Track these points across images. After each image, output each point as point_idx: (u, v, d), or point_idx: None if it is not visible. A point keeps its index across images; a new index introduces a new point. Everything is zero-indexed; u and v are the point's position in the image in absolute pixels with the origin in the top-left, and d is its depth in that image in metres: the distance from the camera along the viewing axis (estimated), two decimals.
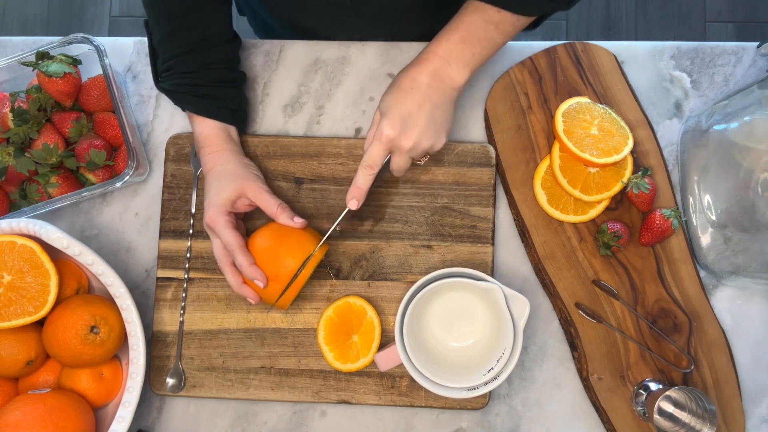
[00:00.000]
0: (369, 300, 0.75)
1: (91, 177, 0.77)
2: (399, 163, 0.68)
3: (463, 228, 0.76)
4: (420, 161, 0.71)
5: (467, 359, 0.71)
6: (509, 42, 0.70)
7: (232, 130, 0.75)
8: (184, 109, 0.74)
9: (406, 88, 0.66)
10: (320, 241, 0.71)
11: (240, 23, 0.90)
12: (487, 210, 0.76)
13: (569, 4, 0.67)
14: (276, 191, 0.77)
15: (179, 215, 0.78)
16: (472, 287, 0.69)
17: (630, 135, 0.74)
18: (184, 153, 0.79)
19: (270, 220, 0.71)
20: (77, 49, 0.77)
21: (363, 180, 0.68)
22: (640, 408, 0.72)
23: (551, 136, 0.77)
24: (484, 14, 0.64)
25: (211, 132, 0.73)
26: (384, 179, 0.76)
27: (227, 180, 0.70)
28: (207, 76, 0.72)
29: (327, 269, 0.76)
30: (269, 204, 0.69)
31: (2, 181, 0.76)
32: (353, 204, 0.68)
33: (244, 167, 0.72)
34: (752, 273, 0.71)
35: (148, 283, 0.79)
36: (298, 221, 0.69)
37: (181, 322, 0.76)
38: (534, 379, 0.75)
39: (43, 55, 0.74)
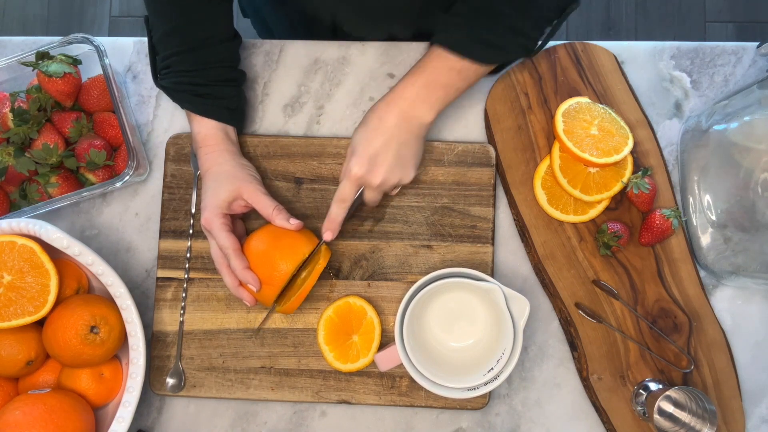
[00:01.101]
0: (369, 300, 0.75)
1: (91, 177, 0.77)
2: (370, 197, 0.71)
3: (463, 228, 0.76)
4: (392, 193, 0.74)
5: (467, 359, 0.71)
6: None
7: (231, 130, 0.75)
8: (182, 107, 0.74)
9: (374, 127, 0.69)
10: (316, 242, 0.71)
11: (242, 24, 0.89)
12: (487, 210, 0.76)
13: (530, 54, 0.72)
14: (276, 191, 0.77)
15: (179, 215, 0.78)
16: (472, 287, 0.69)
17: (630, 135, 0.74)
18: (184, 153, 0.79)
19: (267, 221, 0.71)
20: (77, 49, 0.77)
21: (336, 213, 0.71)
22: (640, 408, 0.72)
23: (551, 136, 0.77)
24: (447, 62, 0.68)
25: (209, 132, 0.73)
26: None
27: (224, 181, 0.70)
28: (206, 75, 0.72)
29: (327, 269, 0.76)
30: (265, 206, 0.69)
31: (2, 181, 0.76)
32: (328, 235, 0.71)
33: (241, 168, 0.72)
34: (752, 273, 0.71)
35: (148, 283, 0.79)
36: (294, 223, 0.69)
37: (181, 322, 0.76)
38: (534, 379, 0.75)
39: (43, 55, 0.74)
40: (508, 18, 0.67)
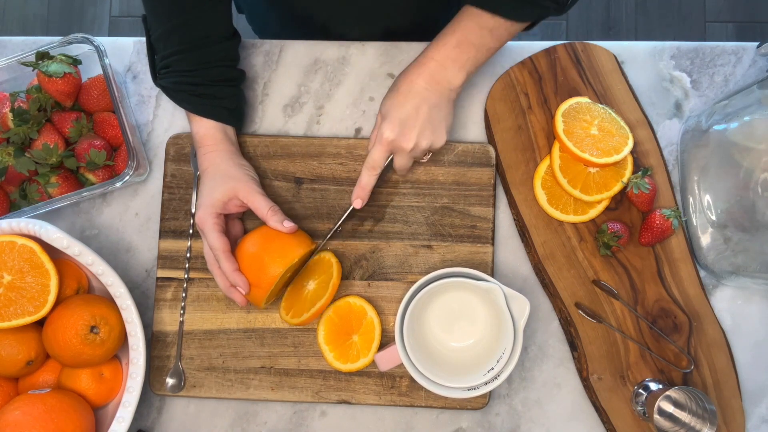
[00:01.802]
0: (369, 300, 0.75)
1: (91, 177, 0.77)
2: (401, 163, 0.71)
3: (463, 228, 0.76)
4: (423, 159, 0.74)
5: (467, 359, 0.71)
6: (509, 42, 0.70)
7: (230, 130, 0.75)
8: (181, 107, 0.74)
9: (404, 92, 0.68)
10: (309, 245, 0.71)
11: (240, 24, 0.89)
12: (487, 210, 0.76)
13: (562, 9, 0.69)
14: (276, 191, 0.77)
15: (179, 215, 0.78)
16: (472, 287, 0.69)
17: (630, 135, 0.74)
18: (184, 153, 0.79)
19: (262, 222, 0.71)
20: (77, 49, 0.77)
21: (367, 180, 0.71)
22: (640, 408, 0.72)
23: (551, 136, 0.77)
24: (479, 20, 0.67)
25: (207, 131, 0.73)
26: (386, 179, 0.76)
27: (220, 180, 0.70)
28: (205, 75, 0.72)
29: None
30: (260, 206, 0.69)
31: (2, 181, 0.76)
32: (358, 203, 0.72)
33: (238, 168, 0.72)
34: (752, 273, 0.71)
35: (148, 283, 0.79)
36: (288, 226, 0.68)
37: (181, 322, 0.76)
38: (534, 379, 0.75)
39: (43, 55, 0.74)
40: None
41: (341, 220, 0.72)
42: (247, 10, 1.02)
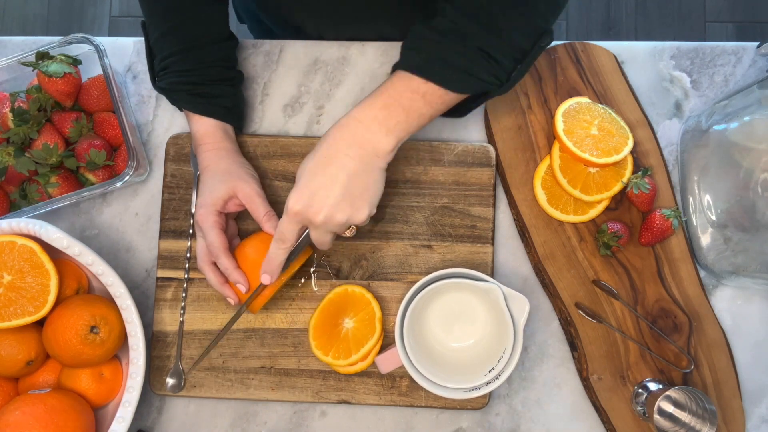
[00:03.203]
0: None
1: (91, 177, 0.77)
2: (316, 238, 0.64)
3: (463, 228, 0.76)
4: (345, 233, 0.66)
5: (468, 359, 0.71)
6: None
7: (229, 128, 0.75)
8: (180, 108, 0.74)
9: (321, 156, 0.62)
10: (308, 251, 0.70)
11: (241, 31, 0.90)
12: (487, 210, 0.76)
13: (499, 83, 0.62)
14: (276, 191, 0.77)
15: (179, 215, 0.78)
16: (472, 287, 0.69)
17: (630, 135, 0.74)
18: (184, 153, 0.79)
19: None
20: (77, 49, 0.77)
21: (275, 254, 0.64)
22: (640, 408, 0.72)
23: (551, 136, 0.77)
24: (410, 83, 0.60)
25: (207, 130, 0.73)
26: (386, 179, 0.75)
27: (221, 179, 0.70)
28: (203, 74, 0.72)
29: (327, 269, 0.76)
30: (258, 209, 0.69)
31: (2, 181, 0.76)
32: (265, 279, 0.65)
33: (239, 166, 0.72)
34: (752, 273, 0.71)
35: (148, 283, 0.79)
36: None
37: (181, 322, 0.76)
38: (534, 379, 0.75)
39: (43, 55, 0.74)
40: (477, 38, 0.59)
41: (251, 296, 0.67)
42: (249, 19, 1.03)
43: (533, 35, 0.61)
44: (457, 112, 0.66)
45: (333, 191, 0.60)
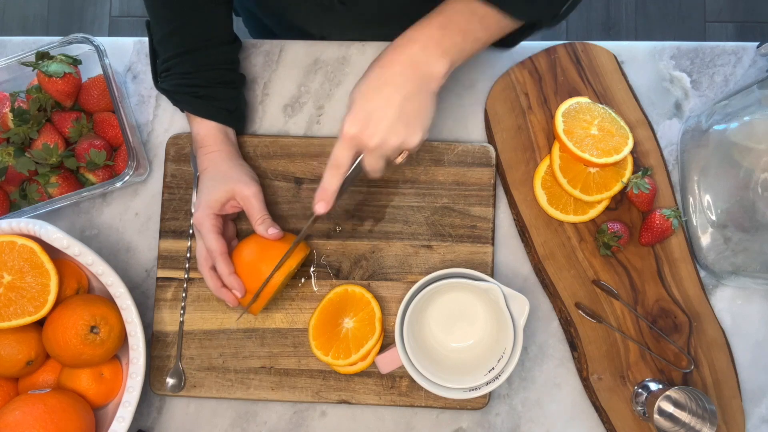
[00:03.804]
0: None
1: (91, 177, 0.77)
2: (370, 163, 0.61)
3: (463, 228, 0.76)
4: (396, 160, 0.63)
5: (468, 359, 0.71)
6: None
7: (230, 131, 0.75)
8: (182, 110, 0.75)
9: (375, 78, 0.60)
10: (305, 250, 0.71)
11: (241, 32, 0.90)
12: (487, 210, 0.76)
13: (554, 17, 0.63)
14: (276, 191, 0.77)
15: (179, 215, 0.78)
16: (472, 288, 0.69)
17: (630, 135, 0.74)
18: (184, 153, 0.79)
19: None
20: (77, 49, 0.77)
21: (328, 181, 0.62)
22: (640, 408, 0.72)
23: (551, 136, 0.77)
24: (469, 5, 0.60)
25: (208, 132, 0.73)
26: (386, 179, 0.75)
27: (219, 181, 0.71)
28: (205, 77, 0.73)
29: (327, 269, 0.76)
30: (253, 212, 0.69)
31: (2, 181, 0.76)
32: (320, 207, 0.63)
33: (238, 169, 0.72)
34: (752, 273, 0.71)
35: (148, 283, 0.79)
36: (272, 232, 0.69)
37: (181, 322, 0.76)
38: (534, 379, 0.75)
39: (43, 55, 0.74)
40: None
41: (306, 228, 0.67)
42: (244, 14, 1.02)
43: None
44: (505, 43, 0.66)
45: (388, 113, 0.58)
